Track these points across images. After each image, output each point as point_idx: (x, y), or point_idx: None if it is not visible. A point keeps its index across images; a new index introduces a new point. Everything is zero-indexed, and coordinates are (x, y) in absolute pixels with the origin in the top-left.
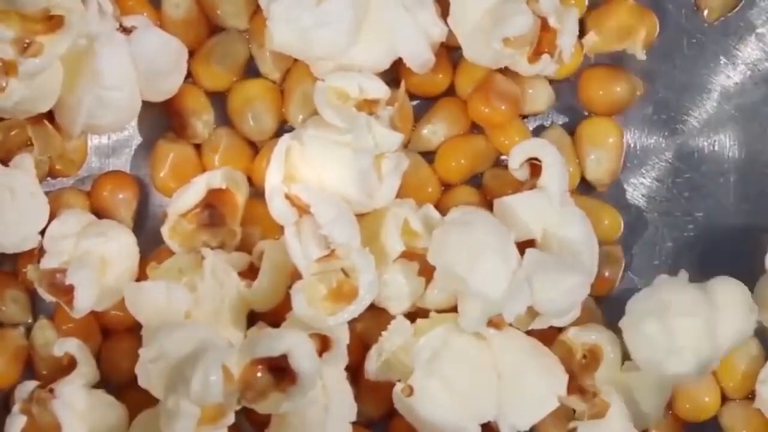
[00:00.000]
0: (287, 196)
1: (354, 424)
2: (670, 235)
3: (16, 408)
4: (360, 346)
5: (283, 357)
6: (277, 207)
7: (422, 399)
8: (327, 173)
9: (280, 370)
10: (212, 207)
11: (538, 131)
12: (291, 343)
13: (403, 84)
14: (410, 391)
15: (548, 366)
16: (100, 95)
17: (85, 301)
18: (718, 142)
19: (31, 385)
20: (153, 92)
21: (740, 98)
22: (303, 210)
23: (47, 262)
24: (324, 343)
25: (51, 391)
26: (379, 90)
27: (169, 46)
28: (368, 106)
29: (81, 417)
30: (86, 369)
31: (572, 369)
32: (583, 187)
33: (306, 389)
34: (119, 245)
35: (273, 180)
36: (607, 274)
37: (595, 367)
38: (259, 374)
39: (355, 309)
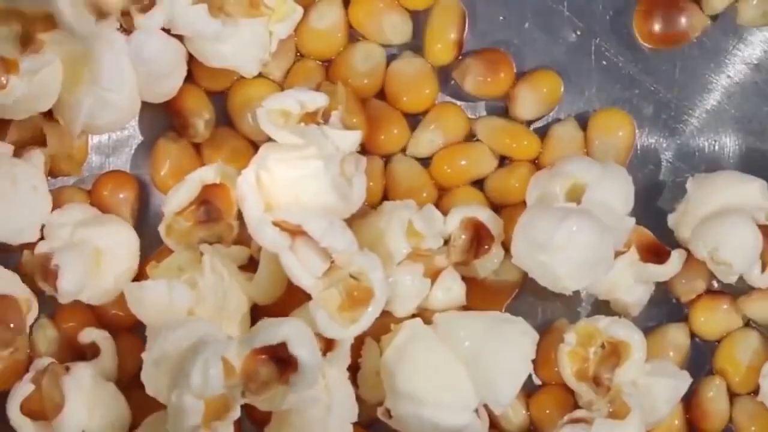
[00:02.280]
0: (275, 224)
1: (354, 424)
2: (670, 234)
3: (27, 376)
4: (361, 347)
5: (284, 347)
6: (269, 237)
7: (404, 418)
8: (303, 190)
9: (282, 362)
10: (207, 203)
11: (550, 125)
12: (289, 330)
13: (340, 84)
14: (389, 414)
15: (508, 335)
16: (100, 96)
17: (69, 283)
18: (718, 142)
19: (47, 360)
20: (152, 94)
21: (740, 98)
22: (294, 232)
23: (41, 247)
24: (328, 344)
25: (67, 368)
26: (318, 99)
27: (169, 48)
28: (310, 117)
29: (85, 402)
30: (108, 362)
31: (586, 356)
32: None
33: (308, 377)
34: (117, 238)
35: (254, 213)
36: None
37: (615, 361)
38: (260, 365)
39: (374, 310)
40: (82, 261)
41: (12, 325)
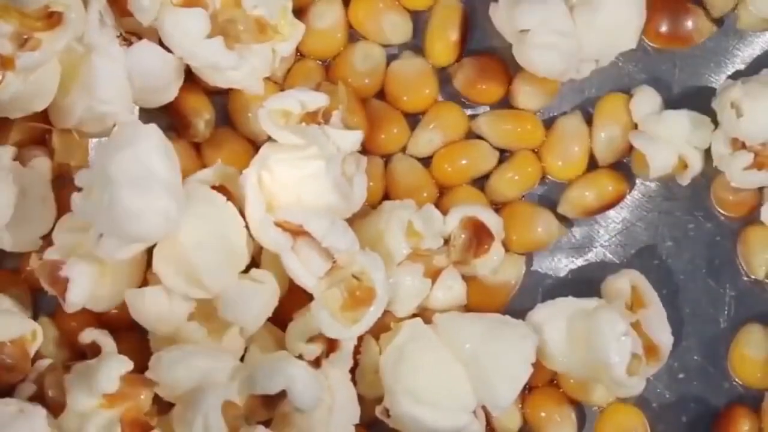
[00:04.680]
0: (276, 224)
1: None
2: (670, 234)
3: (29, 377)
4: (360, 344)
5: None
6: (272, 237)
7: (402, 417)
8: (304, 190)
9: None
10: None
11: (552, 120)
12: (289, 379)
13: (341, 84)
14: (387, 413)
15: (508, 337)
16: (93, 106)
17: (77, 296)
18: None
19: (48, 361)
20: (147, 102)
21: None
22: (296, 232)
23: (50, 254)
24: (330, 345)
25: (68, 368)
26: (319, 99)
27: (167, 62)
28: (311, 117)
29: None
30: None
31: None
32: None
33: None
34: None
35: (257, 213)
36: None
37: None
38: (261, 403)
39: (376, 310)
40: (92, 272)
41: (18, 366)
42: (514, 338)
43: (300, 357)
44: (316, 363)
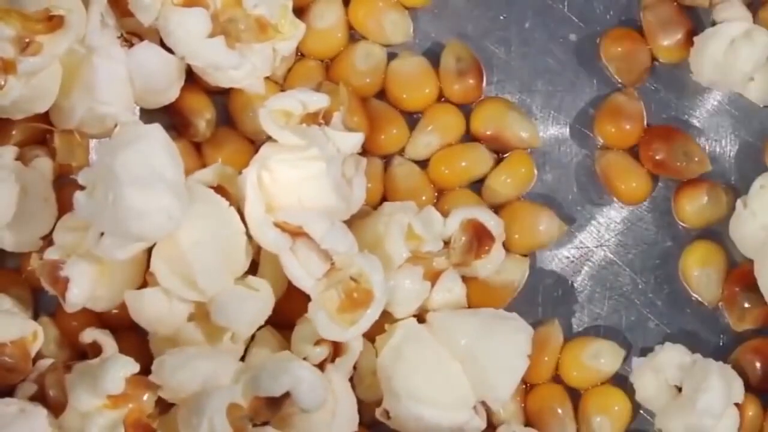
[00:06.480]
0: (276, 225)
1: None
2: (669, 234)
3: (30, 376)
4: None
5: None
6: (271, 237)
7: (403, 418)
8: (304, 191)
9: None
10: None
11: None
12: (294, 380)
13: (342, 84)
14: (387, 414)
15: (503, 331)
16: (94, 107)
17: (77, 296)
18: (718, 143)
19: (49, 361)
20: (149, 103)
21: (740, 98)
22: (295, 233)
23: (50, 253)
24: (336, 349)
25: (68, 367)
26: (320, 100)
27: (169, 63)
28: (311, 118)
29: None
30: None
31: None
32: None
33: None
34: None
35: (256, 213)
36: None
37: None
38: (264, 404)
39: (373, 312)
40: (92, 272)
41: (18, 367)
42: (508, 331)
43: (304, 359)
44: (320, 367)
